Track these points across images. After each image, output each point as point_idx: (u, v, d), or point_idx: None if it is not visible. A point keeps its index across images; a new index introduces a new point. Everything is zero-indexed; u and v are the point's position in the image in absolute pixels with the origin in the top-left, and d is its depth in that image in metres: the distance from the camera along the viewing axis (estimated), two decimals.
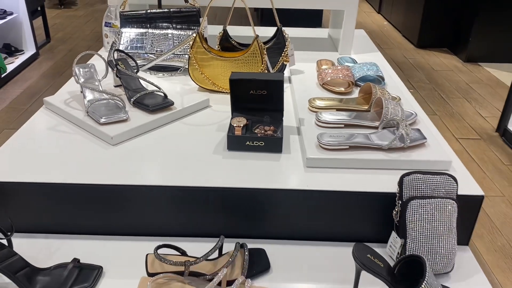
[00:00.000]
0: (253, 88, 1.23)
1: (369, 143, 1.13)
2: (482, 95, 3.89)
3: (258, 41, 1.44)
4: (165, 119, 1.29)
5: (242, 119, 1.21)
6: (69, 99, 1.36)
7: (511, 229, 2.25)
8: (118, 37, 1.63)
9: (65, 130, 1.25)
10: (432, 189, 0.98)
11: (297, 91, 1.47)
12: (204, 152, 1.17)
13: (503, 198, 2.57)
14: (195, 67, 1.48)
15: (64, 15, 5.96)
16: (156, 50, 1.62)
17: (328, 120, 1.23)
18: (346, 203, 1.05)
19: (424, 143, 1.15)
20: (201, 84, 1.51)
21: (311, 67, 1.67)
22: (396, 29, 5.71)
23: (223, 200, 1.06)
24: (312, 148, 1.13)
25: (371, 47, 2.04)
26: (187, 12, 1.64)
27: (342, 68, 1.49)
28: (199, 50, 1.47)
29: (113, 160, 1.12)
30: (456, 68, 4.48)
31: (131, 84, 1.37)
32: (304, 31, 2.25)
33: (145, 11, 1.65)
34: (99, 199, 1.05)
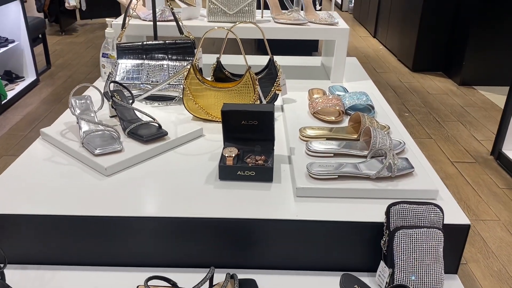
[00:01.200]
0: (244, 119, 1.26)
1: (358, 172, 1.16)
2: (477, 118, 3.94)
3: (250, 72, 1.48)
4: (159, 149, 1.32)
5: (233, 149, 1.23)
6: (65, 130, 1.39)
7: (507, 253, 2.26)
8: (114, 68, 1.67)
9: (61, 161, 1.28)
10: (418, 219, 1.00)
11: (289, 120, 1.50)
12: (196, 182, 1.19)
13: (499, 222, 2.58)
14: (189, 98, 1.52)
15: (65, 41, 6.07)
16: (152, 80, 1.66)
17: (318, 149, 1.26)
18: (336, 233, 1.07)
19: (411, 172, 1.18)
20: (195, 113, 1.54)
21: (303, 96, 1.70)
22: (391, 53, 5.80)
23: (214, 230, 1.07)
24: (302, 177, 1.16)
25: (362, 75, 2.08)
26: (182, 43, 1.68)
27: (333, 98, 1.52)
28: (193, 81, 1.51)
29: (106, 192, 1.14)
30: (451, 92, 4.54)
31: (126, 115, 1.41)
32: (297, 59, 2.30)
33: (141, 43, 1.69)
34: (91, 230, 1.07)
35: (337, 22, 1.88)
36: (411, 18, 5.06)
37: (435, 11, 4.78)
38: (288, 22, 1.86)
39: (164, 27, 1.83)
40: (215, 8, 1.84)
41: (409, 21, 5.14)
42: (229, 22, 1.86)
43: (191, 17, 1.93)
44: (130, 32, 1.85)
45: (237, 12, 1.84)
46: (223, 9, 1.84)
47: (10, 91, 4.11)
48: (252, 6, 1.83)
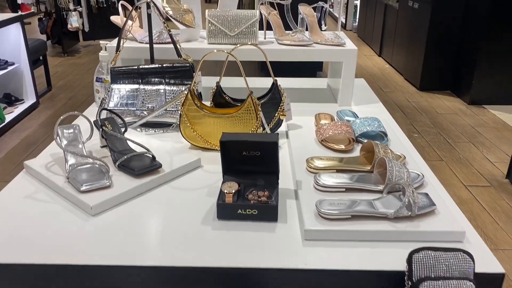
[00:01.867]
0: (245, 150, 1.14)
1: (373, 211, 1.03)
2: (489, 139, 3.80)
3: (252, 98, 1.37)
4: (152, 183, 1.20)
5: (233, 184, 1.11)
6: (51, 162, 1.27)
7: None
8: (108, 94, 1.56)
9: (43, 198, 1.16)
10: (445, 268, 0.87)
11: (295, 149, 1.38)
12: (192, 222, 1.06)
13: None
14: (186, 125, 1.41)
15: (67, 63, 6.03)
16: (148, 106, 1.55)
17: (328, 184, 1.13)
18: (350, 283, 0.94)
19: (433, 210, 1.05)
20: (193, 141, 1.43)
21: (309, 121, 1.59)
22: (397, 72, 5.70)
23: (212, 281, 0.94)
24: (311, 217, 1.03)
25: (371, 97, 1.97)
26: (180, 67, 1.58)
27: (342, 124, 1.41)
28: (190, 107, 1.39)
29: (90, 235, 1.02)
30: (460, 111, 4.41)
31: (117, 145, 1.29)
32: (302, 81, 2.19)
33: (137, 67, 1.59)
34: (72, 281, 0.94)
35: (344, 43, 1.78)
36: (418, 36, 4.97)
37: (442, 29, 4.69)
38: (292, 43, 1.76)
39: (162, 49, 1.73)
40: (215, 30, 1.74)
41: (415, 39, 5.06)
42: (230, 44, 1.75)
43: (190, 39, 1.83)
44: (125, 55, 1.75)
45: (239, 33, 1.74)
46: (223, 30, 1.74)
47: (9, 114, 4.04)
48: (254, 27, 1.73)
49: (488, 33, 4.30)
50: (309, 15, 1.86)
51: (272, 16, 1.82)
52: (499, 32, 4.28)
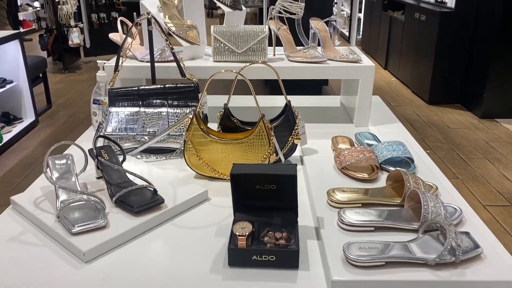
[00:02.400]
0: (259, 182, 1.01)
1: (411, 257, 0.88)
2: (504, 154, 3.65)
3: (264, 122, 1.24)
4: (153, 221, 1.06)
5: (247, 225, 0.97)
6: (40, 198, 1.14)
7: None
8: (105, 118, 1.43)
9: (31, 240, 1.02)
10: None
11: (312, 178, 1.24)
12: (200, 270, 0.92)
13: None
14: (191, 152, 1.27)
15: (68, 79, 5.93)
16: (149, 131, 1.42)
17: (354, 222, 0.99)
18: None
19: (479, 254, 0.90)
20: (199, 170, 1.29)
21: (325, 144, 1.45)
22: (404, 85, 5.58)
23: None
24: (338, 264, 0.89)
25: (389, 116, 1.83)
26: (184, 87, 1.45)
27: (364, 150, 1.27)
28: (196, 133, 1.26)
29: (83, 286, 0.88)
30: (472, 126, 4.27)
31: (115, 177, 1.16)
32: (313, 99, 2.06)
33: (137, 88, 1.47)
34: None
35: (360, 59, 1.65)
36: (426, 48, 4.85)
37: (451, 41, 4.57)
38: (304, 61, 1.63)
39: (164, 68, 1.60)
40: (221, 47, 1.62)
41: (423, 51, 4.93)
42: (238, 61, 1.63)
43: (195, 57, 1.71)
44: (125, 75, 1.63)
45: (246, 50, 1.61)
46: (230, 47, 1.61)
47: (7, 133, 3.92)
48: (263, 43, 1.60)
49: (499, 44, 4.17)
50: (322, 30, 1.73)
51: (282, 32, 1.70)
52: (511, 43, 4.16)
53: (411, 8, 5.35)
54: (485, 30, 4.33)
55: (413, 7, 5.25)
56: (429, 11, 4.81)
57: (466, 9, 4.46)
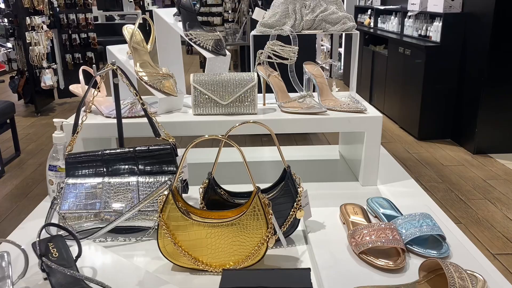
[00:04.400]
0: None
1: None
2: (504, 193, 3.45)
3: (260, 197, 0.98)
4: None
5: None
6: None
7: None
8: (60, 192, 1.16)
9: None
10: None
11: (323, 268, 0.97)
12: None
13: None
14: (166, 238, 1.00)
15: (39, 123, 5.61)
16: (115, 208, 1.14)
17: None
18: None
19: None
20: (177, 261, 1.02)
21: (332, 214, 1.19)
22: (391, 120, 5.42)
23: None
24: None
25: (398, 171, 1.60)
26: (158, 150, 1.19)
27: (385, 228, 1.01)
28: (172, 214, 0.99)
29: None
30: (467, 162, 4.09)
31: (64, 282, 0.87)
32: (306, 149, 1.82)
33: (101, 152, 1.20)
34: None
35: (365, 108, 1.42)
36: (412, 83, 4.72)
37: (439, 75, 4.45)
38: (301, 112, 1.39)
39: (135, 125, 1.35)
40: (203, 98, 1.37)
41: (410, 86, 4.80)
42: (223, 114, 1.38)
43: (172, 109, 1.45)
44: (88, 135, 1.36)
45: (233, 101, 1.37)
46: (213, 99, 1.37)
47: None
48: (253, 93, 1.37)
49: (489, 77, 4.06)
50: (318, 75, 1.51)
51: (273, 79, 1.47)
52: (501, 75, 4.05)
53: (394, 42, 5.26)
54: (473, 64, 4.23)
55: (396, 42, 5.17)
56: (414, 45, 4.72)
57: (452, 43, 4.37)
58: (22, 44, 5.58)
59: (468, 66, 4.31)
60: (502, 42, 3.93)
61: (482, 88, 4.10)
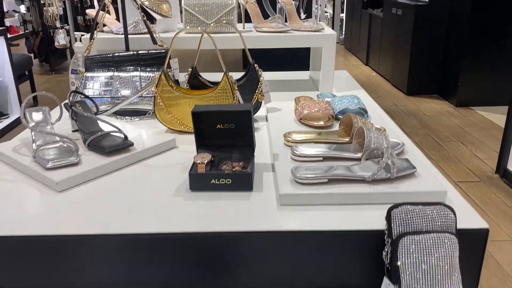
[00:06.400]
0: (219, 122, 1.11)
1: (351, 175, 0.99)
2: (477, 137, 3.79)
3: (228, 76, 1.34)
4: (123, 161, 1.16)
5: (206, 155, 1.07)
6: (19, 145, 1.23)
7: None
8: (82, 82, 1.53)
9: (8, 178, 1.11)
10: (426, 222, 0.83)
11: (273, 128, 1.34)
12: (164, 195, 1.02)
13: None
14: (161, 107, 1.37)
15: (54, 80, 6.00)
16: (123, 94, 1.51)
17: (305, 153, 1.09)
18: (328, 246, 0.89)
19: (413, 173, 1.01)
20: (169, 125, 1.39)
21: (289, 104, 1.56)
22: (384, 79, 5.73)
23: (185, 249, 0.89)
24: (286, 183, 0.99)
25: (354, 85, 1.95)
26: (156, 53, 1.55)
27: (321, 102, 1.38)
28: (165, 88, 1.36)
29: (58, 209, 0.97)
30: (448, 113, 4.42)
31: (88, 126, 1.25)
32: (283, 74, 2.17)
33: (111, 55, 1.56)
34: (38, 254, 0.89)
35: (323, 28, 1.76)
36: (403, 42, 5.01)
37: (426, 34, 4.73)
38: (270, 30, 1.74)
39: (138, 40, 1.70)
40: (192, 18, 1.72)
41: (401, 45, 5.09)
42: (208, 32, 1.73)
43: (167, 30, 1.81)
44: (101, 47, 1.72)
45: (216, 21, 1.71)
46: (200, 19, 1.72)
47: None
48: (232, 14, 1.71)
49: (472, 35, 4.33)
50: (287, 3, 1.85)
51: (250, 5, 1.81)
52: (483, 34, 4.32)
53: (388, 4, 5.51)
54: (459, 22, 4.50)
55: (391, 3, 5.42)
56: (404, 5, 4.97)
57: (440, 3, 4.62)
58: (37, 5, 5.91)
59: (454, 25, 4.57)
60: (485, 2, 4.19)
61: (465, 46, 4.38)
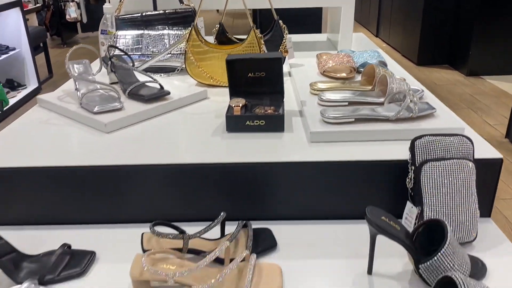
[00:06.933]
0: (251, 71, 1.19)
1: (375, 115, 1.07)
2: (487, 105, 3.84)
3: (255, 31, 1.41)
4: (161, 108, 1.25)
5: (240, 100, 1.16)
6: (63, 95, 1.32)
7: None
8: (114, 40, 1.61)
9: (58, 123, 1.21)
10: (446, 150, 0.91)
11: (298, 81, 1.42)
12: (202, 135, 1.11)
13: None
14: (192, 61, 1.45)
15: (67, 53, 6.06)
16: (153, 51, 1.59)
17: (332, 98, 1.18)
18: (354, 175, 0.98)
19: (433, 113, 1.09)
20: (199, 78, 1.47)
21: (311, 61, 1.63)
22: (395, 50, 5.74)
23: (223, 178, 0.99)
24: (316, 123, 1.08)
25: (372, 46, 2.01)
26: (183, 12, 1.62)
27: (343, 55, 1.45)
28: (195, 43, 1.44)
29: (107, 145, 1.07)
30: (458, 82, 4.45)
31: (126, 78, 1.34)
32: (302, 36, 2.23)
33: (140, 14, 1.64)
34: (91, 183, 0.99)
35: None
36: (414, 13, 5.01)
37: (437, 5, 4.73)
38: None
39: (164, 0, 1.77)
40: None
41: (411, 17, 5.09)
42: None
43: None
44: (128, 8, 1.79)
45: None
46: None
47: (12, 98, 4.08)
48: None
49: (483, 5, 4.33)
50: None
51: None
52: (494, 3, 4.32)
53: None
54: None
55: None
56: None
57: None
58: None
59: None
60: None
61: (476, 14, 4.38)
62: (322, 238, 0.96)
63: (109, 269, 0.88)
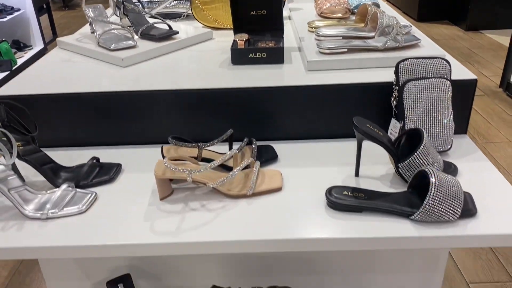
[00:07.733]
0: (253, 8, 1.30)
1: (366, 45, 1.19)
2: (484, 57, 3.92)
3: None
4: (171, 46, 1.37)
5: (244, 35, 1.27)
6: (81, 37, 1.43)
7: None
8: None
9: (80, 60, 1.33)
10: (426, 71, 1.04)
11: (296, 20, 1.53)
12: (211, 67, 1.23)
13: (509, 143, 2.61)
14: (197, 5, 1.56)
15: (69, 15, 6.10)
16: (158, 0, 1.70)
17: (327, 33, 1.29)
18: (346, 97, 1.11)
19: (418, 43, 1.21)
20: (204, 22, 1.58)
21: (309, 5, 1.73)
22: (395, 7, 5.75)
23: (229, 102, 1.12)
24: (313, 54, 1.20)
25: None
26: None
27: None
28: None
29: (125, 76, 1.19)
30: (457, 37, 4.51)
31: (138, 20, 1.45)
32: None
33: None
34: (115, 108, 1.12)
35: None
36: None
37: None
38: None
39: None
40: None
41: None
42: None
43: None
44: None
45: None
46: None
47: (19, 58, 4.17)
48: None
49: None
50: None
51: None
52: None
53: None
54: None
55: None
56: None
57: None
58: None
59: None
60: None
61: None
62: (317, 152, 1.10)
63: (134, 177, 1.02)
